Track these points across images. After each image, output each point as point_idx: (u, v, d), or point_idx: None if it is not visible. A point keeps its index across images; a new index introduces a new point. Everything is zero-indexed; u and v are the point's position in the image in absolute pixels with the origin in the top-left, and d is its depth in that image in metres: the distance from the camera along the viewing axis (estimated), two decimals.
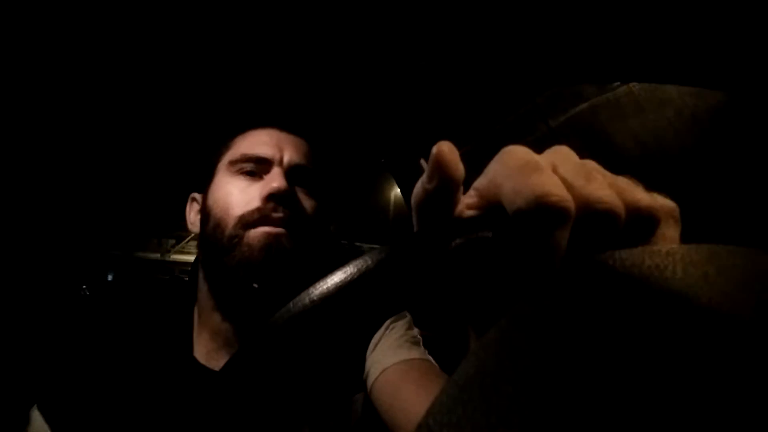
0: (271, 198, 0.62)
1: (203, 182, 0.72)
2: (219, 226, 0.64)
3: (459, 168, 0.23)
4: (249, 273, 0.61)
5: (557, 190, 0.20)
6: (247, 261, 0.61)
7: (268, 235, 0.61)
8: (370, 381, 0.67)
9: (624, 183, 0.23)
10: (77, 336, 0.67)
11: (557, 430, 0.12)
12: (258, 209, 0.62)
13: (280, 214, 0.62)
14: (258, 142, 0.68)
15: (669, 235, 0.23)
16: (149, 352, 0.64)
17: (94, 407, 0.60)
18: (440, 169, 0.23)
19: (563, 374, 0.13)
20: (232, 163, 0.67)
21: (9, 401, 0.67)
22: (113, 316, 0.70)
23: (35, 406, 0.62)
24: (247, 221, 0.62)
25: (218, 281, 0.66)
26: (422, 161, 1.06)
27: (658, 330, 0.13)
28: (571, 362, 0.13)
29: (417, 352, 0.68)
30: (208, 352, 0.67)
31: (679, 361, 0.12)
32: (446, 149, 0.23)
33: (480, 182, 0.24)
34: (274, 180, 0.63)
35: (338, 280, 0.21)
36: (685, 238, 0.24)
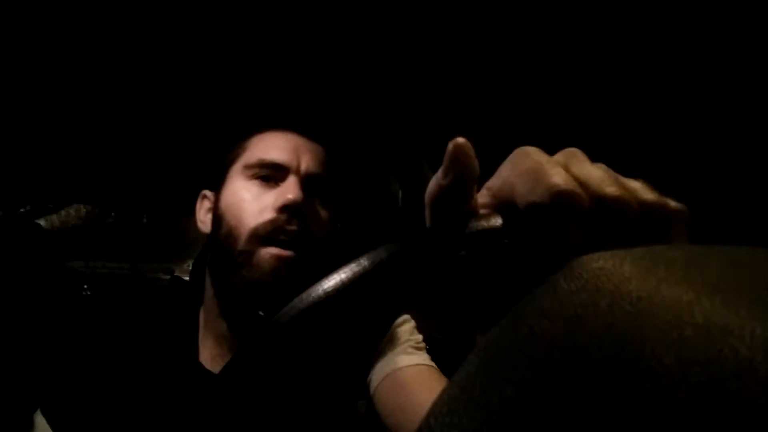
0: (285, 209, 0.61)
1: (215, 181, 0.71)
2: (231, 236, 0.63)
3: (474, 164, 0.23)
4: (256, 298, 0.60)
5: (571, 188, 0.21)
6: (256, 285, 0.60)
7: (278, 258, 0.60)
8: (373, 386, 0.66)
9: (636, 185, 0.23)
10: (80, 339, 0.66)
11: (558, 430, 0.12)
12: (271, 221, 0.61)
13: (293, 227, 0.61)
14: (275, 147, 0.67)
15: (679, 237, 0.23)
16: (153, 356, 0.64)
17: (97, 411, 0.59)
18: (456, 164, 0.23)
19: (565, 375, 0.13)
20: (248, 167, 0.66)
21: (12, 405, 0.67)
22: (117, 318, 0.69)
23: (38, 410, 0.61)
24: (260, 234, 0.61)
25: (225, 293, 0.65)
26: (425, 164, 1.06)
27: (658, 330, 0.13)
28: (572, 363, 0.13)
29: (420, 358, 0.68)
30: (213, 357, 0.66)
31: (675, 363, 0.12)
32: (463, 145, 0.23)
33: (493, 182, 0.24)
34: (290, 191, 0.62)
35: (351, 273, 0.21)
36: (692, 241, 0.24)
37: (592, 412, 0.12)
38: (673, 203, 0.23)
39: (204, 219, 0.72)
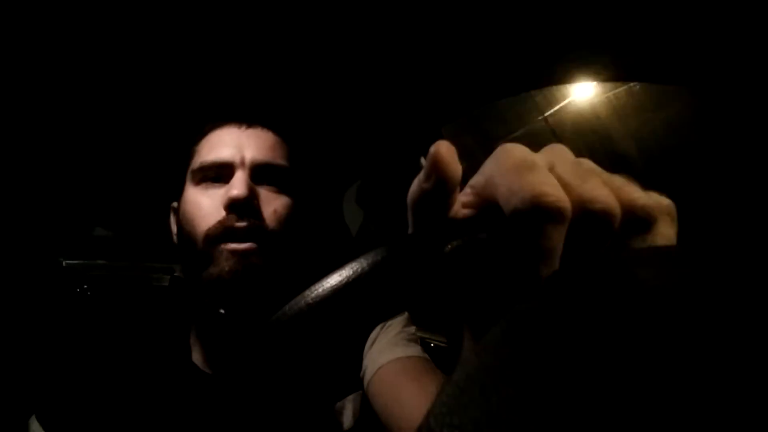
0: (232, 208, 0.60)
1: (178, 192, 0.70)
2: (189, 242, 0.62)
3: (456, 167, 0.23)
4: (216, 297, 0.60)
5: (553, 190, 0.21)
6: (215, 282, 0.59)
7: (235, 252, 0.59)
8: (366, 379, 0.67)
9: (620, 182, 0.23)
10: (76, 342, 0.66)
11: (558, 431, 0.12)
12: (220, 222, 0.60)
13: (243, 224, 0.59)
14: (216, 145, 0.65)
15: (666, 233, 0.23)
16: (148, 358, 0.64)
17: (93, 415, 0.59)
18: (437, 168, 0.23)
19: (563, 375, 0.13)
20: (194, 172, 0.65)
21: (7, 411, 0.67)
22: (114, 321, 0.70)
23: (33, 416, 0.61)
24: (212, 237, 0.60)
25: (197, 298, 0.65)
26: (422, 159, 1.06)
27: (651, 332, 0.13)
28: (570, 363, 0.13)
29: (413, 350, 0.68)
30: (204, 358, 0.66)
31: (667, 362, 0.12)
32: (444, 148, 0.23)
33: (476, 180, 0.24)
34: (234, 187, 0.60)
35: (334, 282, 0.21)
36: (682, 236, 0.24)
37: (593, 412, 0.12)
38: (658, 199, 0.23)
39: (176, 231, 0.71)
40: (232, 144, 0.65)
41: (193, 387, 0.62)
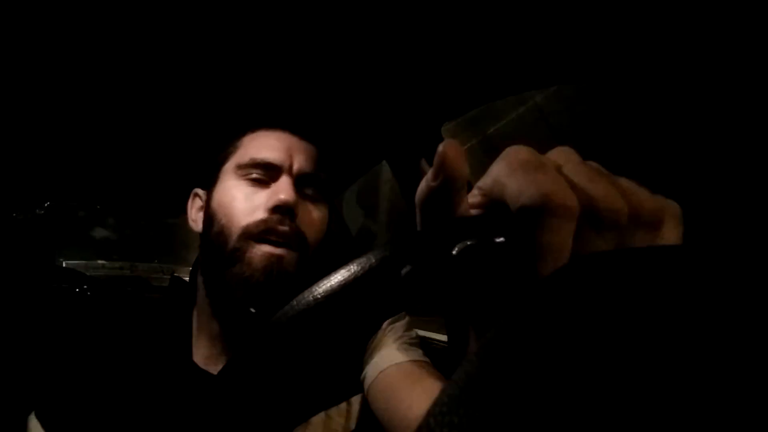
0: (277, 210, 0.61)
1: (207, 179, 0.70)
2: (222, 234, 0.63)
3: (464, 166, 0.23)
4: (248, 295, 0.60)
5: (561, 189, 0.21)
6: (247, 282, 0.60)
7: (271, 256, 0.60)
8: (367, 382, 0.67)
9: (627, 183, 0.23)
10: (76, 341, 0.66)
11: (558, 431, 0.12)
12: (263, 221, 0.61)
13: (285, 228, 0.61)
14: (267, 146, 0.67)
15: (671, 236, 0.23)
16: (148, 357, 0.64)
17: (92, 413, 0.59)
18: (445, 167, 0.23)
19: (564, 375, 0.13)
20: (240, 166, 0.66)
21: (7, 407, 0.67)
22: (113, 320, 0.70)
23: (33, 412, 0.61)
24: (252, 233, 0.61)
25: (217, 292, 0.65)
26: (423, 161, 1.06)
27: (650, 332, 0.13)
28: (571, 363, 0.13)
29: (415, 354, 0.68)
30: (207, 357, 0.66)
31: (669, 363, 0.12)
32: (452, 147, 0.23)
33: (484, 181, 0.24)
34: (282, 191, 0.62)
35: (342, 279, 0.21)
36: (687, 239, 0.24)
37: (592, 412, 0.12)
38: (664, 201, 0.23)
39: (195, 217, 0.72)
40: (283, 148, 0.66)
41: (193, 386, 0.62)
